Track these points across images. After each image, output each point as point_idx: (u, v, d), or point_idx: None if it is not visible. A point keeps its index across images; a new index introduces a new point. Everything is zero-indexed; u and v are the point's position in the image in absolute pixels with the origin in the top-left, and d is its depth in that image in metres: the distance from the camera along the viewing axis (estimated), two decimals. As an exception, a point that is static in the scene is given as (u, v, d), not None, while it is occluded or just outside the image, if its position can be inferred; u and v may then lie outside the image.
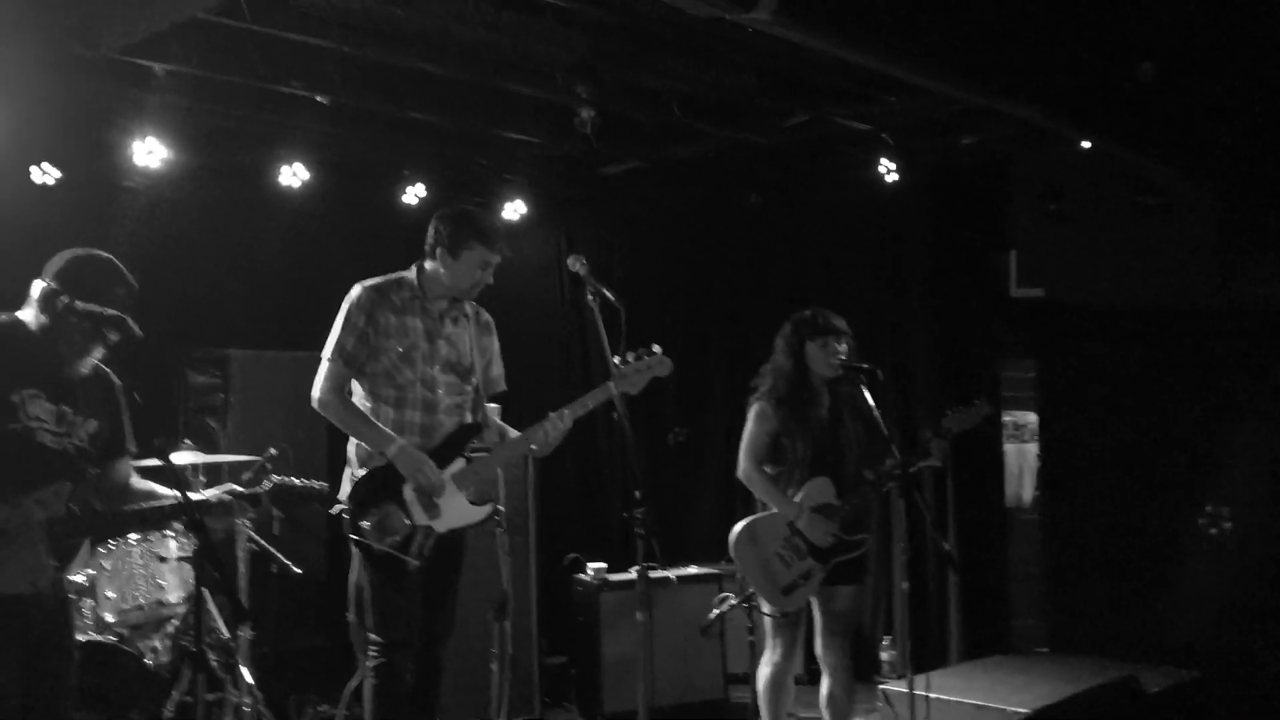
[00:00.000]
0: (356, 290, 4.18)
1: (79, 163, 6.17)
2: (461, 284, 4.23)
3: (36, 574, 3.09)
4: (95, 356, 3.27)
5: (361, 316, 4.11)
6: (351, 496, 4.03)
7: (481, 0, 5.02)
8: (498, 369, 4.44)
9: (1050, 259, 6.37)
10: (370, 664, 4.05)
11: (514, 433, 4.29)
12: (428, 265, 4.24)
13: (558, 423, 4.17)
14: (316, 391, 4.13)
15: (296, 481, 3.44)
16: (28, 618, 3.11)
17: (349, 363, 4.11)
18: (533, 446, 4.16)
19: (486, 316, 4.47)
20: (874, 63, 3.83)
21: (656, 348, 4.19)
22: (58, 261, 3.25)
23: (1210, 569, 6.05)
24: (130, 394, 3.39)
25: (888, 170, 6.50)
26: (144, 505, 3.40)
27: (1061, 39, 3.91)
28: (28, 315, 3.22)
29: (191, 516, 2.89)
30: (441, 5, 5.04)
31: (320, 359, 4.17)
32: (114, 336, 3.22)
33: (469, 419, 4.29)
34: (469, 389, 4.30)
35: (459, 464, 4.12)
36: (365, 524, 3.95)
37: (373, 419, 4.06)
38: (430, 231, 4.25)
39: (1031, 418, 7.52)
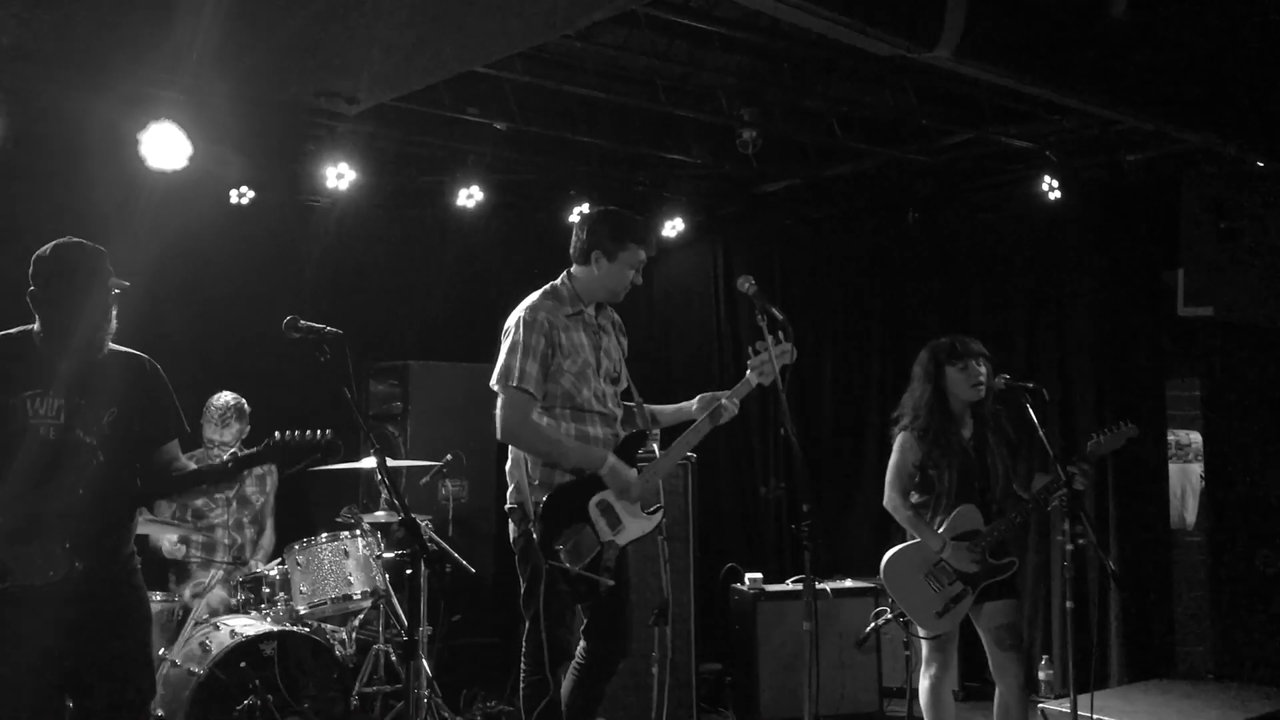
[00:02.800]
0: (528, 314, 4.06)
1: (273, 186, 6.64)
2: (616, 286, 4.20)
3: (50, 565, 3.21)
4: (100, 337, 3.37)
5: (541, 340, 4.00)
6: (543, 519, 3.97)
7: (653, 30, 5.25)
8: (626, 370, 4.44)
9: (1219, 277, 6.23)
10: (528, 677, 4.11)
11: (666, 408, 4.33)
12: (579, 271, 4.19)
13: (707, 425, 4.18)
14: (503, 423, 4.00)
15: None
16: (48, 607, 3.22)
17: (538, 388, 3.99)
18: (691, 454, 4.22)
19: (618, 316, 4.42)
20: (1052, 95, 3.88)
21: (771, 338, 4.08)
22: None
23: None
24: (343, 390, 3.36)
25: (1050, 187, 6.46)
26: (162, 482, 3.51)
27: (1236, 64, 3.90)
28: (36, 324, 3.41)
29: (407, 517, 3.08)
30: (615, 36, 5.29)
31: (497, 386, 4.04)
32: (102, 301, 3.34)
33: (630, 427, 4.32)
34: (619, 394, 4.31)
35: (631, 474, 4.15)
36: (560, 547, 3.95)
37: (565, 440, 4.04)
38: (584, 235, 4.17)
39: (1195, 437, 7.36)
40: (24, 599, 3.20)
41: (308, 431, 3.34)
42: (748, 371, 4.15)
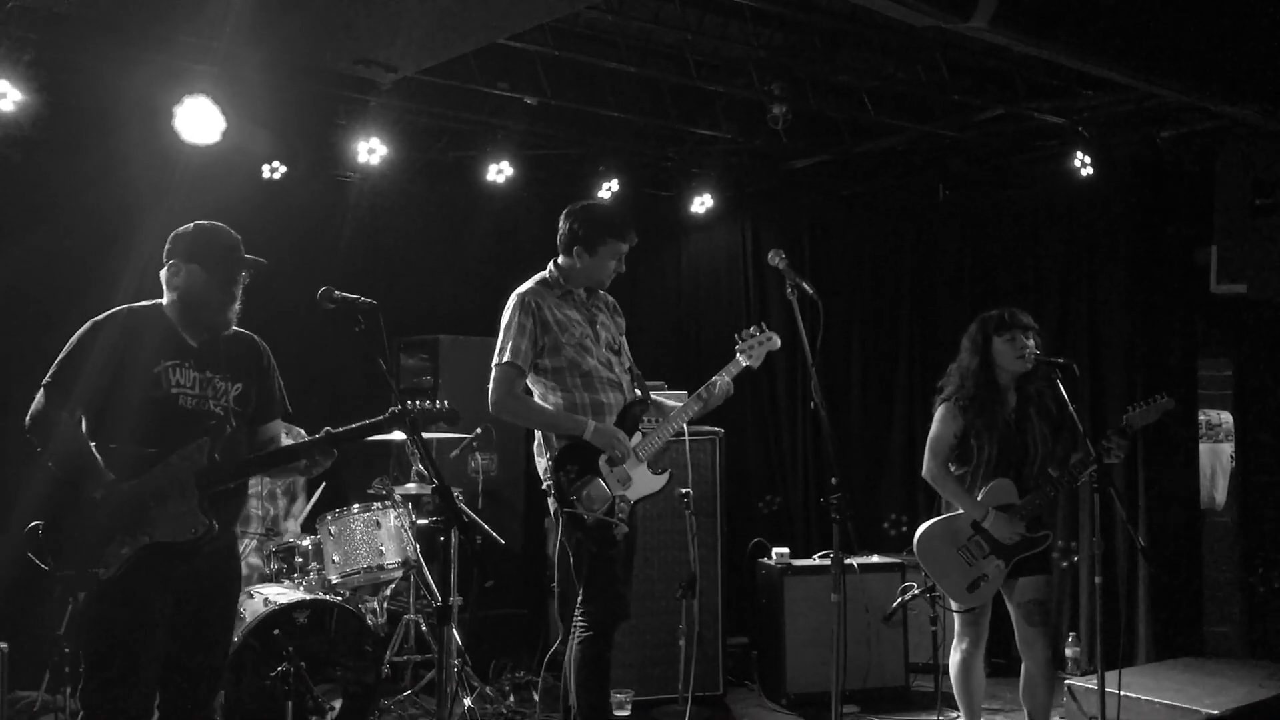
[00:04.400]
0: (518, 297, 4.36)
1: (305, 161, 6.67)
2: (599, 275, 4.45)
3: (193, 523, 3.41)
4: (232, 314, 3.58)
5: (529, 319, 4.29)
6: (558, 469, 4.24)
7: (684, 4, 5.24)
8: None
9: (1254, 254, 6.17)
10: (578, 636, 4.26)
11: (669, 402, 4.57)
12: (563, 261, 4.46)
13: (697, 398, 4.44)
14: (492, 397, 4.31)
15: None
16: (186, 564, 3.44)
17: (526, 363, 4.29)
18: (718, 429, 4.38)
19: (613, 299, 4.66)
20: (1089, 67, 3.85)
21: (755, 329, 4.56)
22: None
23: None
24: (377, 360, 3.47)
25: (1083, 164, 6.42)
26: (274, 449, 3.73)
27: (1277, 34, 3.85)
28: (164, 297, 3.60)
29: (441, 484, 3.13)
30: (646, 10, 5.28)
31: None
32: (236, 277, 3.55)
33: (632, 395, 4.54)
34: (623, 366, 4.54)
35: (636, 437, 4.38)
36: (574, 497, 4.18)
37: (553, 408, 4.29)
38: (565, 230, 4.46)
39: (1226, 417, 7.31)
40: (165, 553, 3.39)
41: (429, 402, 3.58)
42: (737, 354, 4.50)
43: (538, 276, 4.47)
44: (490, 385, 4.33)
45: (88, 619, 3.44)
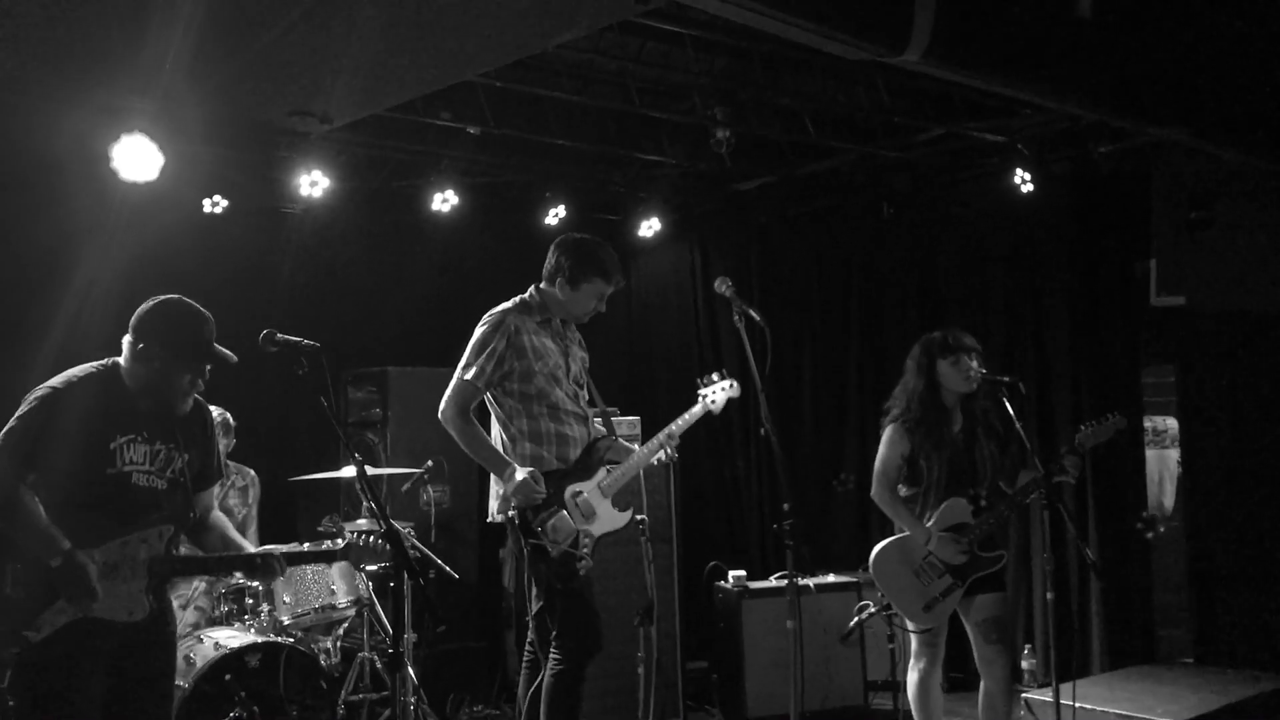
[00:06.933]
0: (497, 316, 4.33)
1: (246, 194, 6.60)
2: (578, 310, 4.45)
3: (133, 606, 3.35)
4: (195, 391, 3.51)
5: (503, 342, 4.25)
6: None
7: (626, 33, 5.25)
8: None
9: (1191, 267, 6.28)
10: (552, 670, 4.21)
11: (624, 443, 4.53)
12: (546, 288, 4.44)
13: (667, 437, 4.43)
14: (444, 407, 4.31)
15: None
16: (121, 644, 3.36)
17: (486, 384, 4.27)
18: (659, 458, 4.43)
19: (578, 333, 4.65)
20: (1021, 95, 3.91)
21: (716, 375, 4.55)
22: (139, 311, 3.49)
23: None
24: (324, 398, 3.42)
25: (1022, 180, 6.50)
26: (226, 554, 3.65)
27: (1203, 58, 3.93)
28: (123, 363, 3.47)
29: (389, 529, 3.09)
30: (588, 39, 5.29)
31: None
32: (205, 369, 3.48)
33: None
34: (585, 400, 4.53)
35: (602, 472, 4.35)
36: (540, 528, 4.15)
37: (491, 441, 4.30)
38: (552, 259, 4.44)
39: (1172, 423, 7.42)
40: (100, 632, 3.30)
41: (375, 540, 3.52)
42: (700, 398, 4.47)
43: (518, 298, 4.43)
44: (446, 394, 4.32)
45: (19, 688, 3.32)
